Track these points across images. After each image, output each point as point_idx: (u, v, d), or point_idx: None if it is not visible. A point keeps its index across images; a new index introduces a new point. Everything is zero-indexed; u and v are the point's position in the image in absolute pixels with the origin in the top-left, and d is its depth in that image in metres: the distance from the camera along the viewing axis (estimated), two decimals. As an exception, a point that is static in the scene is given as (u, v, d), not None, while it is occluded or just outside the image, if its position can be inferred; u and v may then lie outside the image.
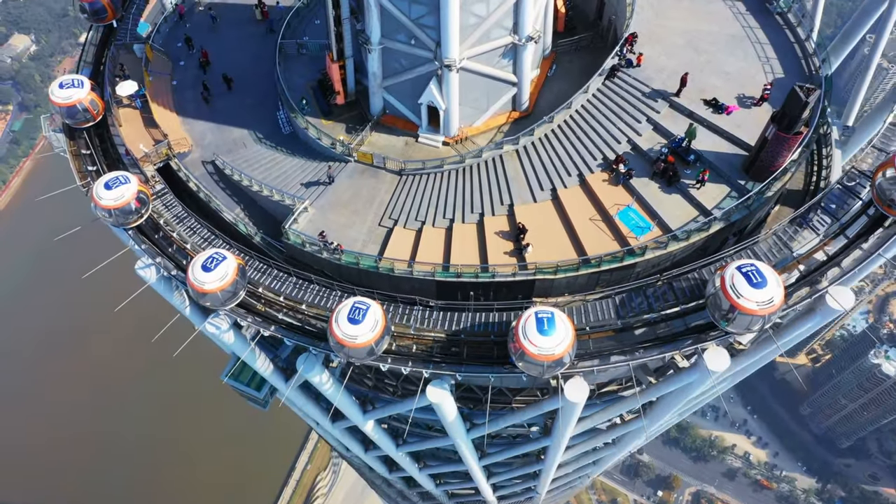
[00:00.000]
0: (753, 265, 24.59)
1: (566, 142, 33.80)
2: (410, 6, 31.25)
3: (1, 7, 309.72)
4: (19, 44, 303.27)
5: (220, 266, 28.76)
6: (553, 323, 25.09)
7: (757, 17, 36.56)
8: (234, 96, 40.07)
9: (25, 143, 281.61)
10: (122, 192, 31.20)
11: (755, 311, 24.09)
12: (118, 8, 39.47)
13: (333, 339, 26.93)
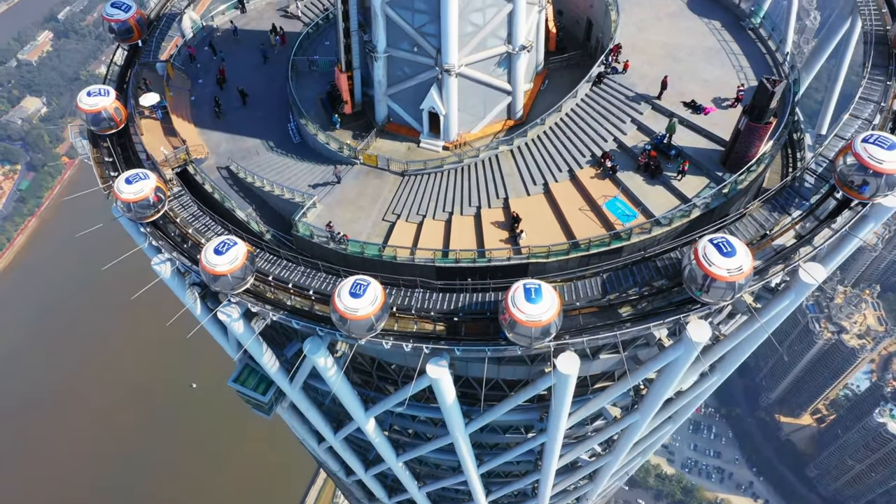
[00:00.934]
0: (724, 237, 26.92)
1: (557, 141, 36.52)
2: (413, 16, 34.36)
3: (15, 71, 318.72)
4: (31, 106, 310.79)
5: (231, 250, 31.05)
6: (540, 292, 27.19)
7: (731, 32, 39.82)
8: (249, 110, 42.98)
9: (31, 202, 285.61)
10: (142, 187, 33.73)
11: (726, 278, 26.26)
12: (144, 29, 42.72)
13: (336, 312, 28.94)
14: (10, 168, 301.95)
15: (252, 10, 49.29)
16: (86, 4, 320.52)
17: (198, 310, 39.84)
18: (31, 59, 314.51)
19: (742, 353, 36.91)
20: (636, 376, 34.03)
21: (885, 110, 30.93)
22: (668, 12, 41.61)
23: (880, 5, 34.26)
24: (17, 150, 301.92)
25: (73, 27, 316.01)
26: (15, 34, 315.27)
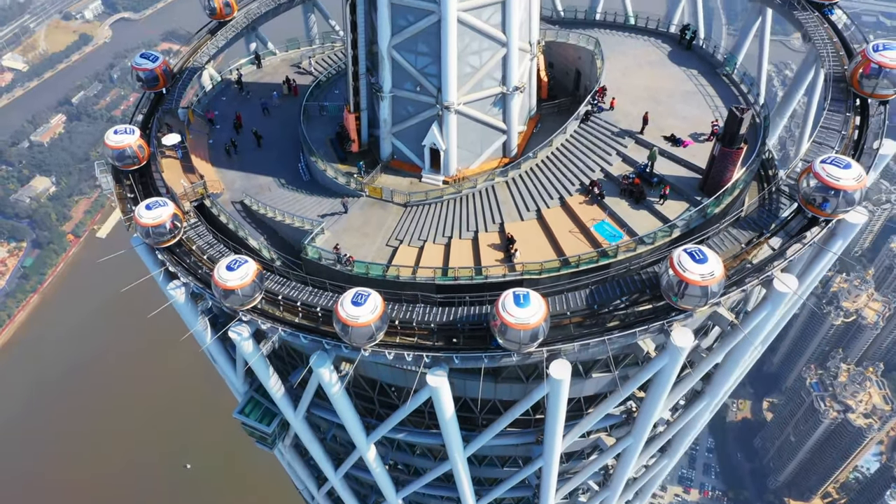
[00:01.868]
0: (697, 247, 29.58)
1: (548, 172, 39.55)
2: (417, 58, 37.95)
3: (27, 152, 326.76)
4: (40, 185, 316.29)
5: (242, 267, 33.69)
6: (528, 298, 29.63)
7: (707, 77, 43.52)
8: (262, 151, 46.22)
9: (35, 279, 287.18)
10: (160, 213, 36.69)
11: (699, 282, 28.76)
12: (168, 79, 46.47)
13: (339, 321, 31.17)
14: (15, 245, 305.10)
15: (267, 66, 53.35)
16: (99, 89, 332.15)
17: (208, 337, 42.00)
18: (44, 140, 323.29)
19: (728, 371, 38.67)
20: (627, 388, 35.71)
21: (845, 138, 33.96)
22: (650, 61, 45.58)
23: (838, 49, 37.99)
24: (24, 227, 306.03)
25: (85, 110, 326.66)
26: (29, 117, 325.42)
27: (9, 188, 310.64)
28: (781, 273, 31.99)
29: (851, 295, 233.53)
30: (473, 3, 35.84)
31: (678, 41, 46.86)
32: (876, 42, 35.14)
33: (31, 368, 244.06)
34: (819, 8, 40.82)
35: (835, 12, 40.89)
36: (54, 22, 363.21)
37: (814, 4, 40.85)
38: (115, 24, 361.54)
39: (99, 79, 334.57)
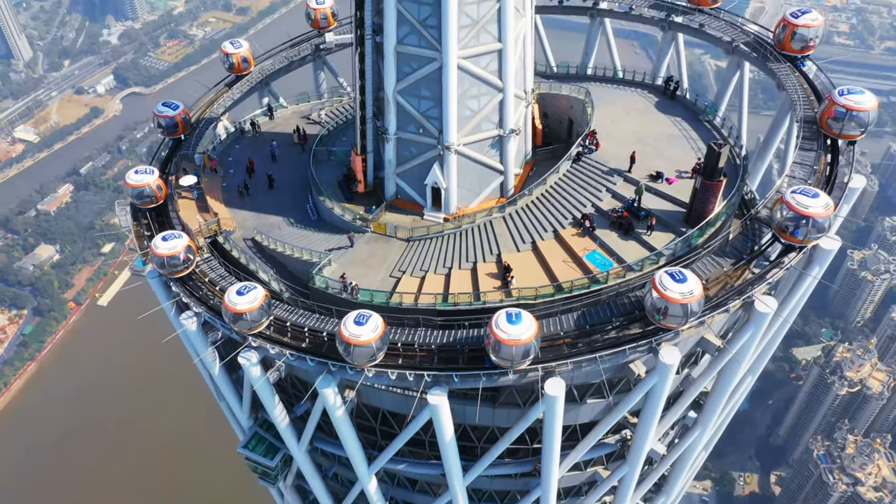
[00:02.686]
0: (677, 269, 31.92)
1: (543, 208, 42.20)
2: (420, 102, 41.05)
3: (33, 220, 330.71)
4: (44, 253, 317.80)
5: (252, 292, 36.01)
6: (520, 316, 31.83)
7: (690, 123, 46.77)
8: (273, 193, 48.92)
9: (34, 346, 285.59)
10: (175, 245, 39.31)
11: (679, 300, 31.06)
12: (187, 126, 49.65)
13: (342, 340, 33.17)
14: (16, 313, 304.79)
15: (279, 117, 56.73)
16: (107, 160, 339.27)
17: (216, 369, 43.72)
18: (50, 209, 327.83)
19: (719, 396, 40.24)
20: (621, 408, 37.20)
21: (816, 172, 36.69)
22: (637, 108, 48.94)
23: (808, 94, 41.19)
24: (26, 295, 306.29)
25: (93, 180, 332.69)
26: (38, 186, 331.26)
27: (13, 256, 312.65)
28: (762, 295, 34.12)
29: (855, 365, 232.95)
30: (472, 51, 39.12)
31: (663, 92, 50.36)
32: (841, 88, 38.33)
33: (27, 435, 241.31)
34: (792, 60, 44.22)
35: (806, 64, 44.27)
36: (67, 96, 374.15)
37: (786, 57, 44.27)
38: (126, 98, 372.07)
39: (108, 150, 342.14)
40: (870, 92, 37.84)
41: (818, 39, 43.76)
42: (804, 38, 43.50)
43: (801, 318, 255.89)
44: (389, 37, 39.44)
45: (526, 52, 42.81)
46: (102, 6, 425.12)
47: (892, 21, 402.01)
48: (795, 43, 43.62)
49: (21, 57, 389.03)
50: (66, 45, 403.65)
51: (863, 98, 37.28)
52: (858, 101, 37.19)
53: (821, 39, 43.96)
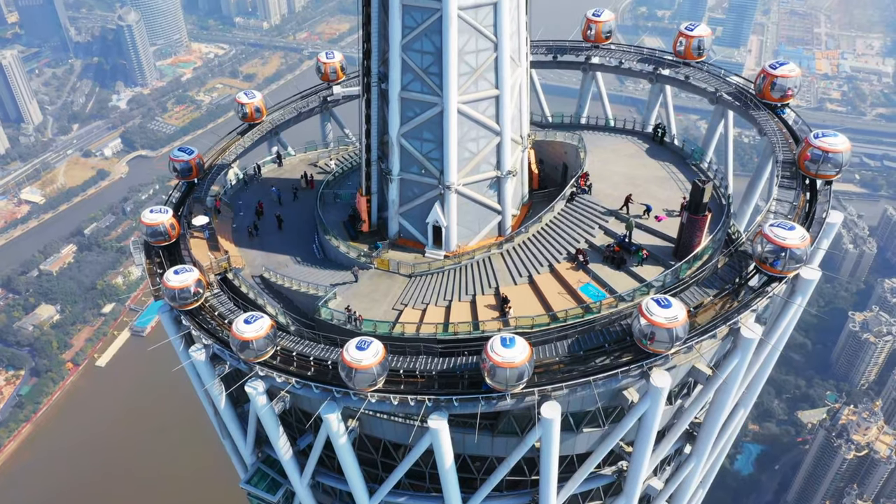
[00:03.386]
0: (663, 296, 33.87)
1: (539, 244, 44.39)
2: (422, 144, 43.65)
3: (35, 280, 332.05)
4: (44, 313, 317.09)
5: (258, 321, 37.95)
6: (514, 340, 33.69)
7: (678, 166, 49.39)
8: (281, 234, 51.13)
9: (29, 408, 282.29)
10: (186, 278, 41.44)
11: (664, 325, 32.97)
12: (201, 170, 52.22)
13: (344, 366, 34.86)
14: (13, 373, 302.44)
15: (287, 164, 59.46)
16: (112, 221, 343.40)
17: (222, 402, 45.09)
18: (53, 269, 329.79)
19: (712, 426, 41.52)
20: (616, 434, 38.39)
21: (796, 208, 38.97)
22: (628, 153, 51.72)
23: (787, 138, 43.86)
24: (24, 355, 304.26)
25: (96, 241, 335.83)
26: (41, 247, 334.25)
27: (13, 316, 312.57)
28: (747, 322, 35.93)
29: (861, 428, 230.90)
30: (471, 96, 41.92)
31: (652, 138, 53.21)
32: (817, 131, 41.01)
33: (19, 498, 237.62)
34: (772, 108, 47.07)
35: (787, 112, 47.09)
36: (74, 158, 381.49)
37: (767, 105, 47.15)
38: (132, 160, 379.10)
39: (112, 211, 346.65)
40: (843, 135, 40.47)
41: (796, 89, 46.70)
42: (783, 88, 46.45)
43: (806, 381, 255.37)
44: (394, 84, 42.29)
45: (522, 99, 45.67)
46: (113, 73, 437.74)
47: (883, 89, 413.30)
48: (775, 92, 46.55)
49: (31, 121, 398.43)
50: (75, 110, 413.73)
51: (836, 140, 39.88)
52: (832, 143, 39.77)
53: (798, 89, 46.94)
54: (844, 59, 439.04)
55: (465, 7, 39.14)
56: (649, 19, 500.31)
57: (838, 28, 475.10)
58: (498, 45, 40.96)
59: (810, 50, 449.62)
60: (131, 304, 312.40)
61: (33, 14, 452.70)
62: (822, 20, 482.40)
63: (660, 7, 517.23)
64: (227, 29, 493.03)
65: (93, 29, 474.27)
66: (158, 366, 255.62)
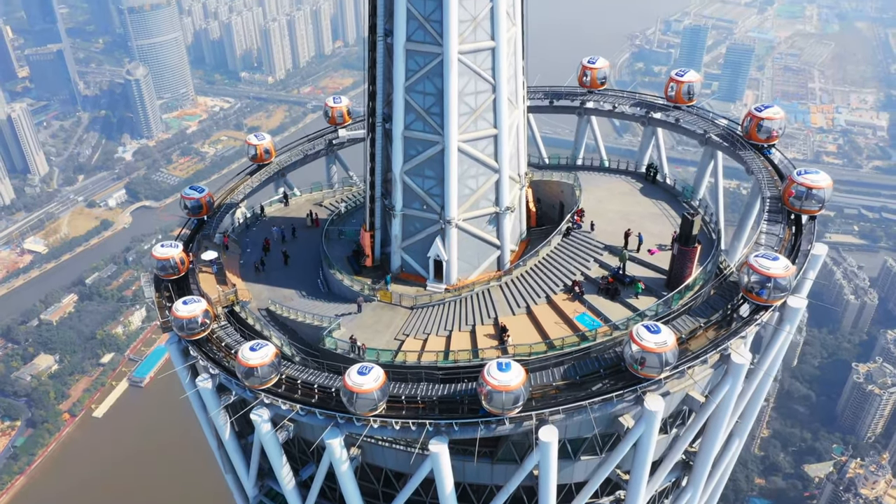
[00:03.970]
0: (652, 322, 35.53)
1: (536, 276, 46.06)
2: (424, 181, 45.66)
3: (34, 330, 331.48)
4: (43, 363, 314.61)
5: (263, 349, 39.37)
6: (509, 365, 35.08)
7: (670, 203, 51.52)
8: (288, 270, 52.79)
9: (24, 459, 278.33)
10: (194, 308, 42.93)
11: (654, 349, 34.45)
12: (210, 208, 54.16)
13: (346, 390, 36.15)
14: (9, 424, 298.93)
15: (293, 204, 61.54)
16: (113, 271, 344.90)
17: (227, 433, 46.03)
18: (53, 319, 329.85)
19: (706, 454, 42.46)
20: (612, 459, 39.34)
21: (782, 240, 40.74)
22: (621, 191, 53.90)
23: (772, 175, 45.92)
24: (21, 406, 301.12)
25: (97, 290, 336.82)
26: (42, 296, 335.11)
27: (11, 366, 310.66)
28: (738, 348, 37.33)
29: (869, 481, 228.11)
30: (471, 135, 44.12)
31: (645, 177, 55.39)
32: (800, 169, 43.10)
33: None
34: (759, 149, 49.21)
35: (773, 152, 49.21)
36: (79, 209, 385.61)
37: (753, 146, 49.33)
38: (136, 211, 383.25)
39: (114, 261, 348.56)
40: (824, 172, 42.58)
41: (781, 130, 48.98)
42: (768, 130, 48.73)
43: (811, 434, 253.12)
44: (398, 123, 44.55)
45: (519, 139, 47.88)
46: (120, 125, 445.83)
47: (878, 142, 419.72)
48: (761, 133, 48.81)
49: (37, 172, 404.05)
50: (81, 161, 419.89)
51: (818, 178, 42.01)
52: (815, 180, 41.89)
53: (783, 131, 49.24)
54: (839, 112, 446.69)
55: (464, 52, 41.64)
56: (646, 74, 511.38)
57: (832, 83, 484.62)
58: (496, 87, 43.35)
59: (805, 104, 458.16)
60: (130, 353, 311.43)
61: (44, 68, 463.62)
62: (816, 75, 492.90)
63: (656, 63, 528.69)
64: (233, 83, 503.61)
65: (101, 83, 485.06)
66: (155, 417, 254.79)
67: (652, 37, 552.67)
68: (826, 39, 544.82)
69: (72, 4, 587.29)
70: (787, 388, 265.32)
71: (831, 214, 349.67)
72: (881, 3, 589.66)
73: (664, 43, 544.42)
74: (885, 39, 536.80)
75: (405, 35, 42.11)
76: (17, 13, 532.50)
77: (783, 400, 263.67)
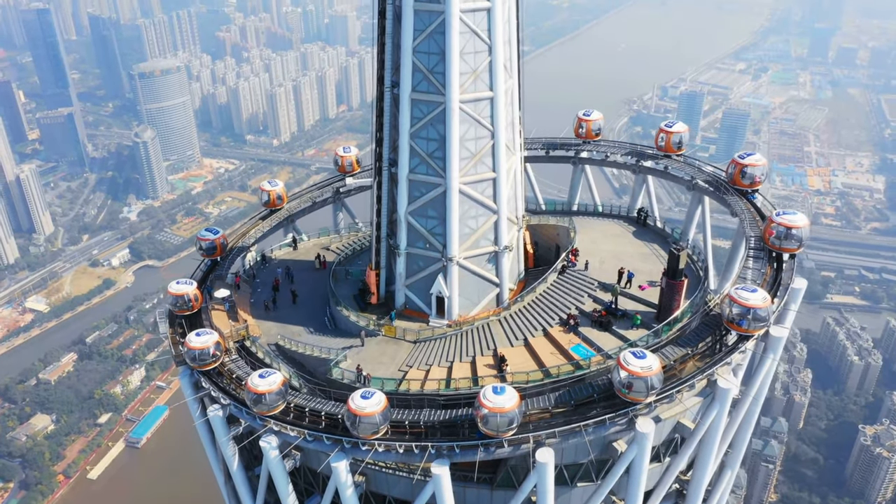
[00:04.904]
0: (638, 349, 37.98)
1: (533, 311, 48.55)
2: (427, 221, 48.59)
3: (32, 389, 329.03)
4: (39, 423, 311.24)
5: (271, 376, 41.52)
6: (504, 389, 37.28)
7: (659, 244, 54.42)
8: (296, 308, 55.25)
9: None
10: (206, 340, 45.11)
11: (640, 374, 36.68)
12: (224, 249, 56.92)
13: (350, 413, 38.11)
14: (2, 486, 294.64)
15: (301, 247, 64.46)
16: (114, 330, 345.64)
17: (235, 463, 47.60)
18: (51, 378, 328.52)
19: (700, 477, 44.22)
20: (607, 483, 41.10)
21: (764, 274, 43.39)
22: (614, 233, 57.04)
23: (755, 217, 48.90)
24: (15, 466, 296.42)
25: (97, 350, 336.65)
26: (42, 355, 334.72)
27: (7, 426, 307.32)
28: (724, 374, 39.59)
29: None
30: (471, 178, 47.28)
31: (636, 221, 58.51)
32: (779, 210, 46.09)
33: None
34: (743, 194, 52.22)
35: (757, 197, 52.23)
36: (82, 268, 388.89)
37: (739, 191, 52.36)
38: (138, 270, 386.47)
39: (115, 320, 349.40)
40: (802, 213, 45.63)
41: (764, 177, 52.21)
42: (752, 176, 51.96)
43: (820, 498, 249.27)
44: (403, 167, 47.78)
45: (517, 183, 51.07)
46: (126, 186, 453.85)
47: (875, 204, 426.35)
48: (745, 179, 52.03)
49: (42, 231, 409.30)
50: (86, 221, 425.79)
51: (796, 218, 44.95)
52: (793, 220, 44.84)
53: (766, 177, 52.43)
54: (836, 175, 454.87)
55: (465, 101, 45.17)
56: (644, 137, 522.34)
57: (827, 147, 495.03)
58: (495, 134, 46.72)
59: (802, 167, 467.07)
60: (128, 413, 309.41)
61: (53, 131, 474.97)
62: (812, 139, 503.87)
63: (654, 126, 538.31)
64: (239, 146, 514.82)
65: (109, 145, 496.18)
66: (150, 478, 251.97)
67: (649, 102, 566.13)
68: (820, 105, 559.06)
69: (84, 70, 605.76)
70: (794, 451, 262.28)
71: (832, 275, 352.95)
72: (872, 71, 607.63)
73: (661, 108, 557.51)
74: (877, 105, 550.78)
75: (411, 86, 45.74)
76: (31, 78, 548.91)
77: (791, 463, 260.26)
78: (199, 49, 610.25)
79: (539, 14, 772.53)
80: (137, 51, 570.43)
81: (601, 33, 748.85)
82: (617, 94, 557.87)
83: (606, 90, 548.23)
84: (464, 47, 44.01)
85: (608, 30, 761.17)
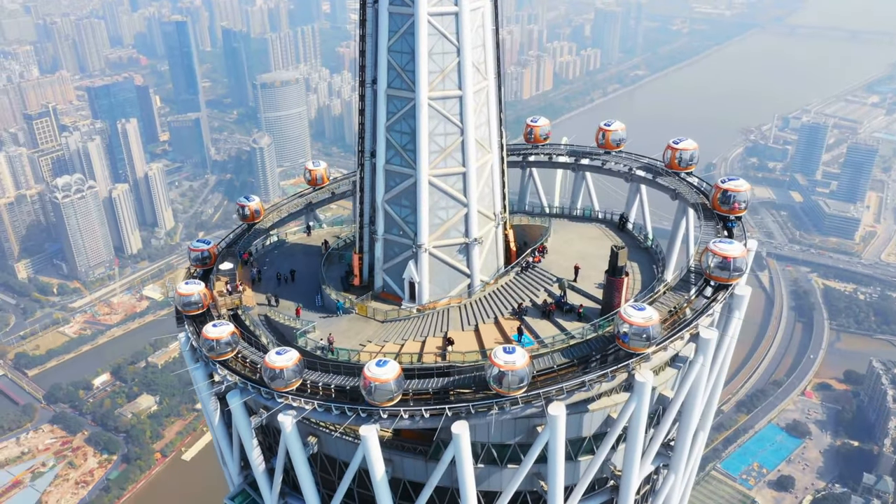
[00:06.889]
0: (638, 303, 41.03)
1: (492, 301, 51.29)
2: (401, 209, 52.12)
3: (141, 371, 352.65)
4: (144, 403, 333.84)
5: (288, 353, 43.57)
6: (514, 349, 39.65)
7: (631, 248, 55.08)
8: (292, 286, 59.85)
9: (114, 492, 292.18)
10: (222, 330, 47.46)
11: (640, 324, 39.34)
12: (216, 258, 60.64)
13: (364, 379, 40.43)
14: (106, 457, 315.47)
15: (314, 234, 69.57)
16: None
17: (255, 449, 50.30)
18: (159, 362, 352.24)
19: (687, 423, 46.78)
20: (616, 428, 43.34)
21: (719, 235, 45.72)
22: (590, 236, 59.18)
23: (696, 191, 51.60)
24: (119, 441, 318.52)
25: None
26: (152, 340, 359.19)
27: (117, 402, 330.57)
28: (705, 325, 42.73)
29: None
30: (441, 171, 50.44)
31: (617, 226, 59.99)
32: (723, 178, 49.62)
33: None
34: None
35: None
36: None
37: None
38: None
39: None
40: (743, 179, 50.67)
41: (695, 161, 56.53)
42: (687, 161, 56.28)
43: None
44: (380, 158, 51.71)
45: (494, 180, 53.70)
46: (241, 188, 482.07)
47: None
48: (681, 164, 56.46)
49: (164, 226, 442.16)
50: (203, 219, 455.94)
51: (738, 183, 49.70)
52: (736, 185, 49.01)
53: (697, 161, 56.88)
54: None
55: (434, 98, 48.56)
56: (759, 170, 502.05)
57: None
58: (464, 131, 49.80)
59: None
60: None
61: (182, 134, 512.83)
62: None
63: (771, 159, 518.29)
64: (349, 156, 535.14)
65: (230, 149, 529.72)
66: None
67: (768, 132, 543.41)
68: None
69: (214, 79, 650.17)
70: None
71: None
72: None
73: (780, 139, 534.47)
74: None
75: (386, 82, 49.70)
76: (167, 84, 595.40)
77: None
78: (320, 63, 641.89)
79: (657, 40, 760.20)
80: (263, 63, 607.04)
81: (719, 60, 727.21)
82: (734, 123, 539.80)
83: (722, 119, 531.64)
84: (432, 48, 47.52)
85: (730, 56, 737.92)
